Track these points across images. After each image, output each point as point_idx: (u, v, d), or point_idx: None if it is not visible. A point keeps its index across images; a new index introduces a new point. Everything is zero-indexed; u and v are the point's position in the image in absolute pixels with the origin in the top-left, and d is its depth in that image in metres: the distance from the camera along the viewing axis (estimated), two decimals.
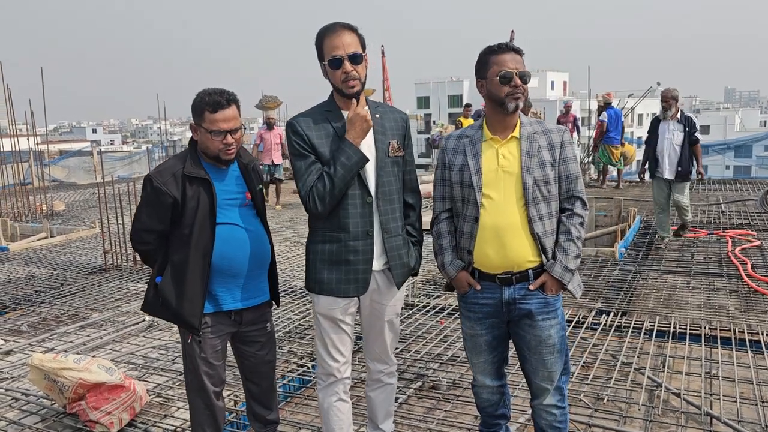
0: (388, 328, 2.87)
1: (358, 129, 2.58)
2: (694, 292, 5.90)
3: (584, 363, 4.31)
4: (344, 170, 2.55)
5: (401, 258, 2.76)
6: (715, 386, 3.93)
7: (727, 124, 61.92)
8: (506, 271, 2.60)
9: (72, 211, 12.84)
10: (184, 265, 2.67)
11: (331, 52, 2.56)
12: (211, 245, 2.68)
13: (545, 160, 2.59)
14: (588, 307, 5.49)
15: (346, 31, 2.58)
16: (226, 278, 2.75)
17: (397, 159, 2.75)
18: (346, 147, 2.57)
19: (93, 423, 3.54)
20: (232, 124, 2.64)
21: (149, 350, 4.86)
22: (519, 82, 2.55)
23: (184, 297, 2.68)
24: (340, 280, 2.68)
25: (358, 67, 2.57)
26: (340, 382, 2.81)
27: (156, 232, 2.73)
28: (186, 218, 2.66)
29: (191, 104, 2.67)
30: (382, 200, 2.69)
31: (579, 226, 2.62)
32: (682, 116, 7.42)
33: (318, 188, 2.58)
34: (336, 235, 2.66)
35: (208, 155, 2.71)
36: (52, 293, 6.66)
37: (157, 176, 2.67)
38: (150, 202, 2.69)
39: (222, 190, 2.74)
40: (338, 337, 2.77)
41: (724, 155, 26.37)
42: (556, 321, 2.64)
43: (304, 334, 5.09)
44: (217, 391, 2.87)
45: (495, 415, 2.93)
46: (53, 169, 19.92)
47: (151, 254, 2.80)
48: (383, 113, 2.76)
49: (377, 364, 2.95)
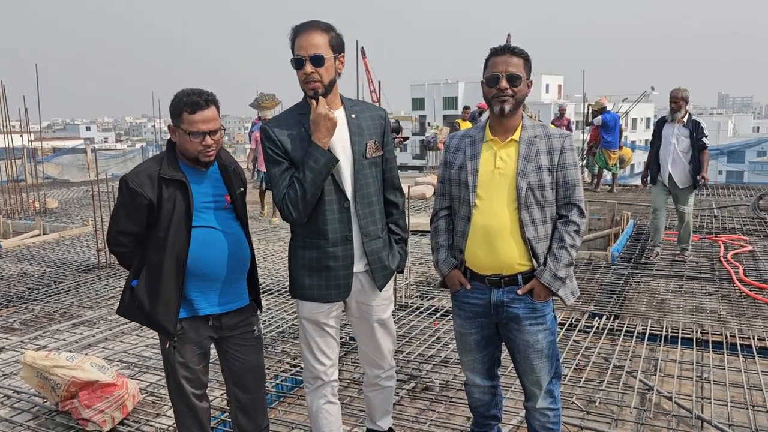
0: (380, 330, 2.84)
1: (322, 129, 2.52)
2: (687, 296, 5.94)
3: (577, 366, 4.33)
4: (313, 174, 2.52)
5: (381, 261, 2.74)
6: (706, 390, 3.96)
7: (720, 130, 62.23)
8: (496, 273, 2.61)
9: (65, 209, 12.79)
10: (159, 268, 2.62)
11: (296, 51, 2.54)
12: (186, 248, 2.62)
13: (542, 165, 2.57)
14: (581, 310, 5.52)
15: (317, 31, 2.53)
16: (201, 282, 2.68)
17: (375, 159, 2.71)
18: (313, 150, 2.53)
19: (85, 421, 3.53)
20: (211, 125, 2.58)
21: (142, 349, 4.85)
22: (504, 85, 2.54)
23: (158, 301, 2.62)
24: (321, 286, 2.67)
25: (319, 69, 2.52)
26: (328, 386, 2.79)
27: (132, 235, 2.67)
28: (162, 221, 2.61)
29: (169, 105, 2.62)
30: (360, 204, 2.66)
31: (574, 233, 2.58)
32: (689, 120, 6.77)
33: (290, 195, 2.54)
34: (315, 242, 2.65)
35: (187, 157, 2.65)
36: (45, 291, 6.63)
37: (132, 178, 2.61)
38: (125, 204, 2.63)
39: (200, 193, 2.67)
40: (323, 340, 2.75)
41: (717, 160, 26.50)
42: (544, 327, 2.64)
43: (297, 334, 5.08)
44: (197, 393, 2.79)
45: (486, 416, 2.94)
46: (46, 166, 19.84)
47: (127, 257, 2.75)
48: (359, 112, 2.71)
49: (373, 369, 2.93)
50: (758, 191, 11.73)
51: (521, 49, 2.61)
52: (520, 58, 2.59)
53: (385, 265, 2.75)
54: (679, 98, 6.76)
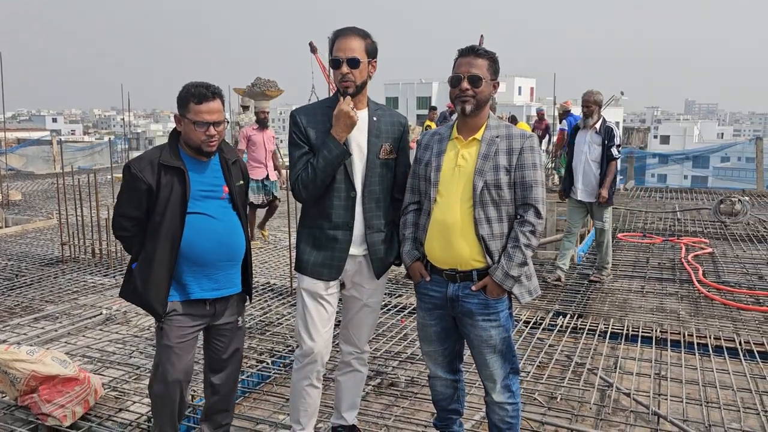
0: (367, 312, 3.01)
1: (342, 124, 2.72)
2: (648, 296, 6.08)
3: (540, 363, 4.41)
4: (325, 162, 2.72)
5: (378, 253, 2.91)
6: (663, 387, 4.07)
7: (686, 135, 63.69)
8: (452, 268, 2.68)
9: (29, 201, 12.53)
10: (152, 252, 2.72)
11: (335, 52, 2.76)
12: (180, 234, 2.72)
13: (500, 165, 2.63)
14: (546, 309, 5.61)
15: (355, 36, 2.75)
16: (194, 267, 2.78)
17: (387, 161, 2.89)
18: (329, 141, 2.73)
19: (45, 416, 3.48)
20: (216, 117, 2.70)
21: (106, 344, 4.79)
22: (465, 86, 2.61)
23: (150, 283, 2.72)
24: (317, 263, 2.86)
25: (354, 71, 2.73)
26: (315, 368, 2.92)
27: (133, 219, 2.77)
28: (159, 206, 2.71)
29: (177, 96, 2.73)
30: (367, 198, 2.85)
31: (529, 234, 2.62)
32: (602, 126, 6.11)
33: (303, 177, 2.77)
34: (319, 223, 2.85)
35: (191, 146, 2.76)
36: (6, 284, 6.49)
37: (134, 163, 2.74)
38: (128, 189, 2.75)
39: (198, 182, 2.78)
40: (318, 314, 2.89)
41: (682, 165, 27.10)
42: (497, 323, 2.69)
43: (264, 330, 5.08)
44: (177, 379, 2.83)
45: (448, 410, 3.00)
46: (10, 157, 19.38)
47: (130, 241, 2.84)
48: (381, 116, 2.90)
49: (349, 346, 3.07)
50: (720, 195, 12.05)
51: (486, 50, 2.68)
52: (485, 59, 2.65)
53: (383, 258, 2.93)
54: (591, 102, 6.12)
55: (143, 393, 3.89)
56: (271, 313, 5.53)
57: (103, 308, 5.57)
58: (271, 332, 5.01)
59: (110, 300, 5.91)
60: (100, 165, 19.89)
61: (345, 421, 3.17)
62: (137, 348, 4.69)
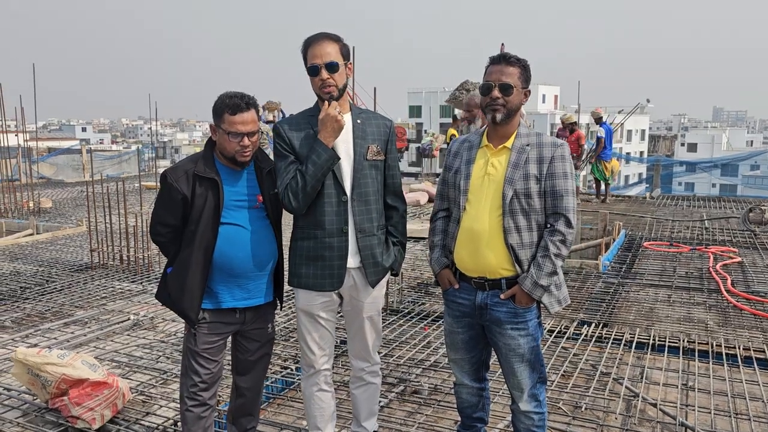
0: (369, 326, 2.98)
1: (329, 129, 2.71)
2: (675, 305, 6.00)
3: (564, 372, 4.37)
4: (314, 167, 2.70)
5: (374, 257, 2.87)
6: (691, 398, 4.00)
7: (714, 143, 62.63)
8: (481, 276, 2.68)
9: (59, 209, 12.78)
10: (187, 260, 2.77)
11: (311, 60, 2.73)
12: (213, 243, 2.76)
13: (530, 173, 2.61)
14: (570, 318, 5.57)
15: (327, 41, 2.73)
16: (226, 277, 2.82)
17: (376, 162, 2.86)
18: (317, 146, 2.72)
19: (75, 419, 3.55)
20: (250, 127, 2.73)
21: (133, 349, 4.87)
22: (496, 94, 2.59)
23: (184, 290, 2.77)
24: (316, 275, 2.83)
25: (334, 75, 2.72)
26: (320, 374, 2.99)
27: (170, 226, 2.82)
28: (193, 215, 2.76)
29: (212, 106, 2.77)
30: (357, 201, 2.82)
31: (559, 243, 2.60)
32: None
33: (292, 186, 2.74)
34: (313, 232, 2.82)
35: (225, 156, 2.80)
36: (37, 290, 6.64)
37: (171, 173, 2.79)
38: (164, 197, 2.81)
39: (232, 191, 2.81)
40: (317, 332, 2.92)
41: (710, 173, 26.69)
42: (526, 332, 2.68)
43: (288, 336, 5.12)
44: (203, 388, 2.86)
45: (473, 417, 2.99)
46: (41, 166, 19.80)
47: (166, 246, 2.91)
48: (365, 119, 2.90)
49: (359, 362, 3.07)
50: (749, 204, 11.84)
51: (518, 58, 2.65)
52: (516, 67, 2.62)
53: (378, 262, 2.88)
54: (473, 105, 5.46)
55: (170, 397, 3.95)
56: (295, 320, 5.56)
57: (130, 314, 5.66)
58: (295, 338, 5.04)
59: (138, 306, 6.01)
60: (127, 173, 20.22)
61: (365, 429, 3.17)
62: (164, 353, 4.76)
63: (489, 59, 2.69)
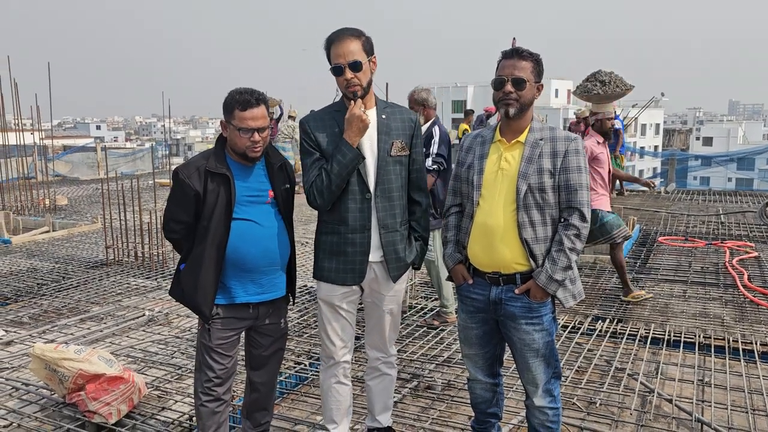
0: (388, 318, 3.01)
1: (354, 128, 2.73)
2: (690, 301, 5.94)
3: (578, 368, 4.35)
4: (339, 167, 2.72)
5: (397, 253, 2.89)
6: (707, 393, 3.97)
7: (730, 137, 61.95)
8: (495, 271, 2.67)
9: (74, 206, 12.90)
10: (200, 256, 2.79)
11: (335, 60, 2.73)
12: (226, 239, 2.78)
13: (544, 168, 2.60)
14: (584, 313, 5.54)
15: (350, 38, 2.72)
16: (239, 272, 2.84)
17: (400, 158, 2.86)
18: (342, 145, 2.73)
19: (92, 413, 3.59)
20: (260, 123, 2.74)
21: (148, 344, 4.91)
22: (509, 89, 2.58)
23: (198, 286, 2.79)
24: (338, 270, 2.87)
25: (358, 74, 2.72)
26: (339, 366, 3.00)
27: (182, 223, 2.84)
28: (206, 211, 2.77)
29: (223, 102, 2.78)
30: (380, 197, 2.83)
31: (574, 237, 2.59)
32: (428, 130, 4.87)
33: (317, 183, 2.77)
34: (336, 228, 2.84)
35: (236, 152, 2.81)
36: (54, 286, 6.71)
37: (182, 169, 2.80)
38: (176, 194, 2.83)
39: (244, 187, 2.82)
40: (337, 323, 2.94)
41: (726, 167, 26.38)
42: (540, 327, 2.67)
43: (302, 332, 5.13)
44: (217, 383, 2.88)
45: (487, 413, 2.99)
46: (57, 164, 19.96)
47: (179, 243, 2.93)
48: (390, 114, 2.88)
49: (375, 352, 3.10)
50: (766, 198, 11.70)
51: (530, 52, 2.64)
52: (529, 61, 2.61)
53: (400, 257, 2.90)
54: (412, 101, 5.03)
55: (185, 393, 3.98)
56: (309, 315, 5.58)
57: (145, 310, 5.71)
58: (308, 334, 5.06)
59: (152, 302, 6.06)
60: (141, 170, 20.34)
61: (379, 423, 3.19)
62: (179, 348, 4.80)
63: (501, 53, 2.67)
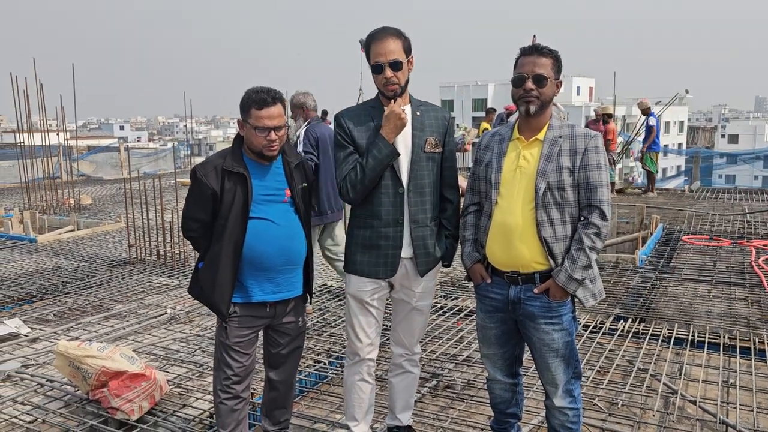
0: (416, 315, 3.01)
1: (392, 125, 2.75)
2: (715, 300, 5.85)
3: (600, 368, 4.30)
4: (374, 162, 2.75)
5: (426, 248, 2.90)
6: (732, 395, 3.90)
7: (756, 134, 60.85)
8: (513, 271, 2.65)
9: (98, 206, 13.09)
10: (218, 254, 2.80)
11: (375, 58, 2.75)
12: (242, 238, 2.79)
13: (563, 166, 2.56)
14: (606, 313, 5.48)
15: (391, 38, 2.74)
16: (255, 271, 2.85)
17: (433, 155, 2.88)
18: (379, 141, 2.76)
19: (114, 410, 3.63)
20: (276, 122, 2.74)
21: (170, 342, 4.96)
22: (530, 86, 2.55)
23: (215, 285, 2.80)
24: (370, 263, 2.89)
25: (398, 73, 2.75)
26: (364, 363, 3.00)
27: (200, 221, 2.86)
28: (223, 210, 2.79)
29: (240, 101, 2.79)
30: (413, 192, 2.84)
31: (594, 236, 2.55)
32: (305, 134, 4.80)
33: (351, 177, 2.80)
34: (370, 222, 2.87)
35: (253, 151, 2.82)
36: (78, 284, 6.81)
37: (200, 168, 2.83)
38: (194, 193, 2.85)
39: (260, 186, 2.83)
40: (365, 318, 2.95)
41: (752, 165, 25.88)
42: (560, 326, 2.64)
43: (321, 330, 5.15)
44: (235, 381, 2.90)
45: (506, 413, 2.97)
46: (81, 164, 20.27)
47: (197, 241, 2.95)
48: (424, 111, 2.91)
49: (399, 348, 3.10)
50: None
51: (550, 48, 2.61)
52: (549, 58, 2.58)
53: (429, 252, 2.91)
54: (292, 105, 4.91)
55: (206, 390, 4.01)
56: (329, 314, 5.60)
57: (167, 308, 5.77)
58: (328, 333, 5.07)
59: (174, 300, 6.12)
60: (164, 170, 20.56)
61: (400, 421, 3.19)
62: (200, 346, 4.84)
63: (520, 50, 2.65)
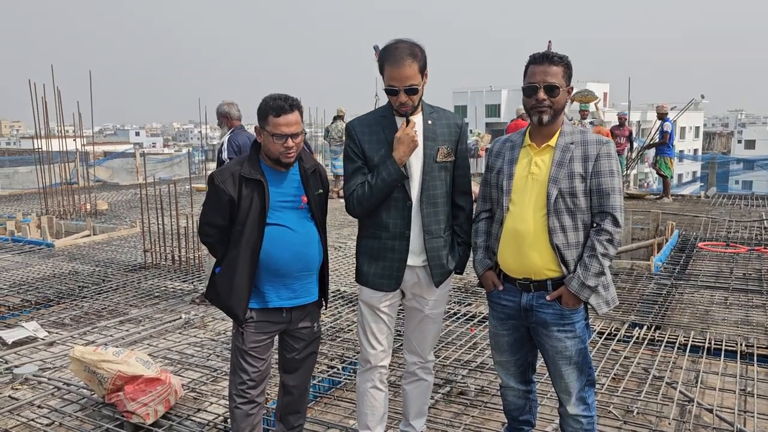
0: (429, 323, 2.99)
1: (405, 148, 2.73)
2: (732, 308, 5.79)
3: (615, 375, 4.27)
4: (383, 184, 2.75)
5: (440, 259, 2.88)
6: (749, 403, 3.86)
7: None
8: (526, 278, 2.64)
9: (114, 211, 13.21)
10: (235, 260, 2.82)
11: (390, 81, 2.70)
12: (259, 244, 2.81)
13: (575, 172, 2.55)
14: (621, 320, 5.44)
15: (407, 61, 2.66)
16: (272, 277, 2.87)
17: (445, 164, 2.86)
18: (390, 164, 2.74)
19: (130, 413, 3.66)
20: (294, 129, 2.76)
21: (185, 347, 4.99)
22: (542, 96, 2.53)
23: (232, 290, 2.82)
24: (376, 275, 2.88)
25: (412, 96, 2.71)
26: (376, 371, 2.98)
27: (217, 227, 2.88)
28: (240, 216, 2.81)
29: (257, 108, 2.81)
30: (425, 203, 2.82)
31: (606, 243, 2.53)
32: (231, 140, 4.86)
33: (358, 192, 2.79)
34: (377, 233, 2.86)
35: (270, 158, 2.84)
36: (94, 288, 6.88)
37: (218, 175, 2.85)
38: (211, 199, 2.87)
39: (277, 192, 2.85)
40: (377, 326, 2.94)
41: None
42: (573, 334, 2.63)
43: (335, 336, 5.16)
44: (251, 386, 2.91)
45: (520, 420, 2.96)
46: (98, 169, 20.44)
47: (214, 247, 2.97)
48: (436, 119, 2.87)
49: (412, 356, 3.08)
50: None
51: (561, 56, 2.59)
52: (560, 66, 2.56)
53: (443, 264, 2.89)
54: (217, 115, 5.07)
55: (220, 394, 4.03)
56: (342, 319, 5.61)
57: (182, 313, 5.81)
58: (341, 338, 5.08)
59: (189, 305, 6.16)
60: (179, 176, 20.71)
61: (413, 428, 3.17)
62: (214, 351, 4.87)
63: (530, 58, 2.60)
